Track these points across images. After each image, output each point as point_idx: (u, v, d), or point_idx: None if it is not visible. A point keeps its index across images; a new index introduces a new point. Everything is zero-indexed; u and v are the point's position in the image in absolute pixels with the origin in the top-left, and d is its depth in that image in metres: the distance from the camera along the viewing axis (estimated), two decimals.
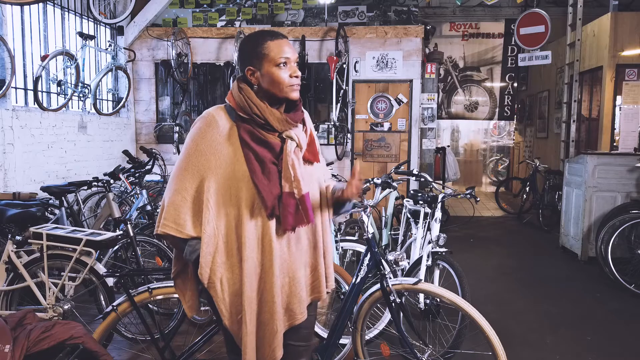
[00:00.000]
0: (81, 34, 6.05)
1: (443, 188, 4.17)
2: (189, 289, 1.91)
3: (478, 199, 3.77)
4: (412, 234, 4.13)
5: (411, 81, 7.49)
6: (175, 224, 1.74)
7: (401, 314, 2.56)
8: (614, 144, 6.65)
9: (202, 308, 2.01)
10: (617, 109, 6.71)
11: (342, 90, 7.36)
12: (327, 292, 2.01)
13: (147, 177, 5.36)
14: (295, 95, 1.80)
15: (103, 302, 3.24)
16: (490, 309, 4.05)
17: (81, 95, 6.04)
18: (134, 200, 5.15)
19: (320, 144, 2.06)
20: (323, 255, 1.96)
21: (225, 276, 1.77)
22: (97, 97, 6.60)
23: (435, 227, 3.59)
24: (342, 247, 3.55)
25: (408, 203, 4.26)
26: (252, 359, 1.77)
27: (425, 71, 7.59)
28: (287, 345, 1.89)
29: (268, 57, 1.75)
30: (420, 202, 3.92)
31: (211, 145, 1.76)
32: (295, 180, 1.76)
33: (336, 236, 3.53)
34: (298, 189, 1.77)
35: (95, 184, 4.27)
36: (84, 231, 3.15)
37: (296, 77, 1.78)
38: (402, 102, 7.54)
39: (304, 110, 1.94)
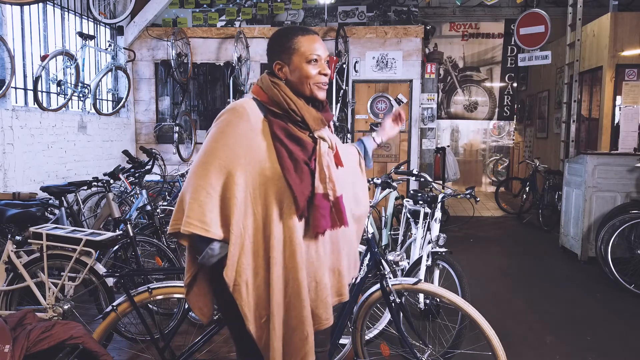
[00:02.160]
0: (81, 34, 6.05)
1: (443, 188, 4.17)
2: (204, 294, 1.83)
3: (478, 199, 3.77)
4: (412, 234, 4.13)
5: (411, 81, 7.50)
6: (200, 222, 1.63)
7: (401, 314, 2.56)
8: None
9: None
10: (617, 109, 6.71)
11: (342, 90, 7.36)
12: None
13: (147, 177, 5.36)
14: (322, 95, 1.75)
15: (103, 302, 3.24)
16: (490, 309, 4.05)
17: (81, 95, 6.04)
18: (133, 200, 5.15)
19: None
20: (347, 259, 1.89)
21: (250, 278, 1.69)
22: (97, 97, 6.60)
23: (435, 227, 3.59)
24: None
25: (408, 203, 4.26)
26: None
27: (425, 71, 7.59)
28: None
29: (298, 52, 1.71)
30: (420, 202, 3.92)
31: (241, 140, 1.67)
32: (330, 181, 1.70)
33: None
34: (333, 191, 1.71)
35: (95, 184, 4.26)
36: (84, 231, 3.15)
37: (325, 75, 1.73)
38: (402, 102, 7.54)
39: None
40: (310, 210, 1.69)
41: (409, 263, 3.72)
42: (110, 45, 6.89)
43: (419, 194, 3.97)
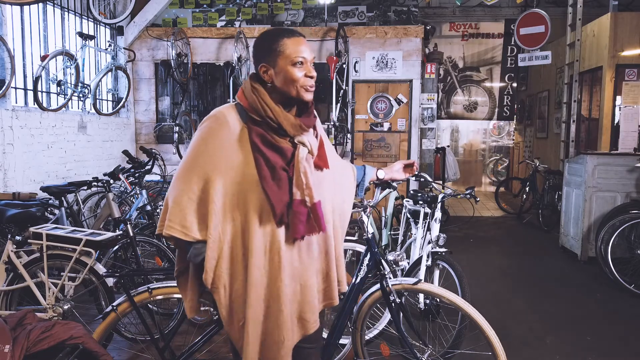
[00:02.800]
0: (81, 34, 6.05)
1: (443, 188, 4.17)
2: (190, 289, 1.86)
3: (478, 199, 3.76)
4: (412, 234, 4.13)
5: (411, 81, 7.50)
6: (181, 226, 1.68)
7: (401, 314, 2.56)
8: None
9: (202, 308, 2.00)
10: (617, 109, 6.71)
11: (342, 91, 7.36)
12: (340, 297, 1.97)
13: (147, 177, 5.36)
14: (308, 96, 1.74)
15: (103, 302, 3.24)
16: (490, 309, 4.05)
17: (81, 95, 6.04)
18: (133, 200, 5.15)
19: None
20: (335, 261, 1.90)
21: (228, 282, 1.72)
22: (97, 97, 6.60)
23: (435, 227, 3.59)
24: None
25: (408, 203, 4.26)
26: None
27: (425, 71, 7.59)
28: (295, 347, 1.85)
29: (283, 54, 1.69)
30: (420, 202, 3.92)
31: (221, 147, 1.70)
32: (307, 187, 1.71)
33: None
34: (310, 197, 1.72)
35: (95, 184, 4.26)
36: (84, 231, 3.15)
37: (311, 77, 1.72)
38: (402, 102, 7.54)
39: (316, 115, 1.89)
40: (289, 216, 1.72)
41: (409, 263, 3.72)
42: (110, 45, 6.89)
43: (419, 194, 3.97)
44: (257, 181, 1.68)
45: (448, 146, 8.61)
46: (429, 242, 3.51)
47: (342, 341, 2.82)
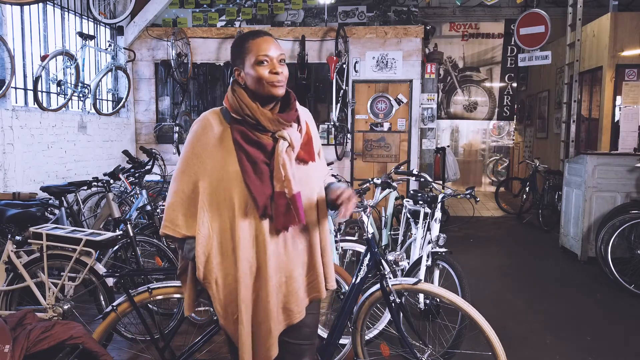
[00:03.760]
0: (81, 34, 6.05)
1: (443, 188, 4.17)
2: (188, 287, 1.93)
3: (478, 199, 3.76)
4: (412, 234, 4.13)
5: (411, 81, 7.50)
6: (173, 225, 1.81)
7: (401, 314, 2.56)
8: None
9: (202, 308, 2.00)
10: (617, 109, 6.71)
11: (342, 90, 7.36)
12: (327, 290, 2.01)
13: (147, 177, 5.36)
14: (278, 92, 1.79)
15: (103, 302, 3.24)
16: (490, 309, 4.05)
17: (81, 95, 6.04)
18: (133, 200, 5.15)
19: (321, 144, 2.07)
20: (321, 254, 1.96)
21: (220, 276, 1.80)
22: (97, 97, 6.60)
23: (435, 227, 3.59)
24: (342, 247, 3.55)
25: (408, 203, 4.26)
26: (249, 359, 1.80)
27: (425, 71, 7.59)
28: (289, 343, 1.91)
29: (249, 55, 1.78)
30: (420, 202, 3.92)
31: (205, 148, 1.80)
32: (286, 180, 1.77)
33: (336, 236, 3.53)
34: (289, 189, 1.78)
35: (95, 184, 4.27)
36: (84, 231, 3.15)
37: (276, 73, 1.77)
38: (402, 102, 7.54)
39: (305, 109, 1.96)
40: (272, 208, 1.79)
41: (409, 263, 3.72)
42: (110, 45, 6.89)
43: (419, 194, 3.97)
44: (241, 177, 1.77)
45: (448, 146, 8.61)
46: (429, 242, 3.51)
47: (342, 341, 2.82)
